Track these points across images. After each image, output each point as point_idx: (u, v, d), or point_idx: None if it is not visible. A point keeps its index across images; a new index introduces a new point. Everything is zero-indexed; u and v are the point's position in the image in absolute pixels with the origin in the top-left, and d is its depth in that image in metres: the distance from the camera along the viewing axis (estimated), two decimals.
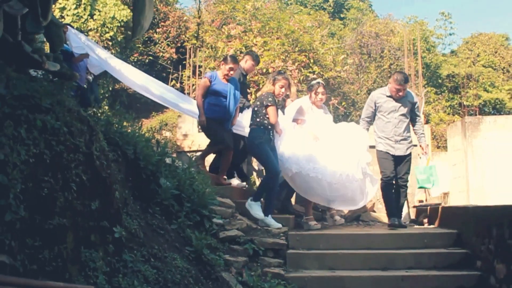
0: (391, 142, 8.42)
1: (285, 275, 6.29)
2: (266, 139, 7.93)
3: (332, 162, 8.04)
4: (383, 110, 8.50)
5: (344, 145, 8.30)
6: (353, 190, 8.18)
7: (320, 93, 8.84)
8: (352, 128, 8.72)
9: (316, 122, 8.70)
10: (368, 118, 8.70)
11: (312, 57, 14.72)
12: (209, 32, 15.79)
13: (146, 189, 5.91)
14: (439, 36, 23.92)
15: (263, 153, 7.94)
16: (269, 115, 7.98)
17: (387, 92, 8.51)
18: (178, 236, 5.77)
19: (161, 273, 4.73)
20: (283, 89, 8.21)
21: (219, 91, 8.77)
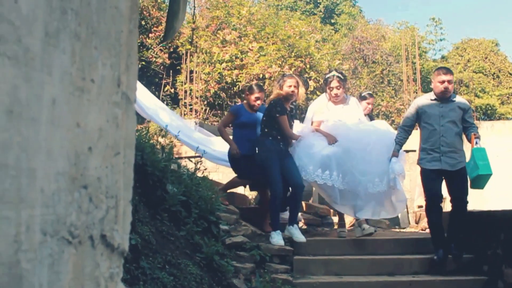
0: (437, 154, 6.96)
1: (293, 281, 6.26)
2: (277, 151, 7.29)
3: (351, 168, 7.26)
4: (427, 117, 7.06)
5: (370, 149, 7.43)
6: (376, 200, 7.34)
7: (335, 88, 7.79)
8: (385, 130, 7.90)
9: (334, 121, 7.79)
10: (407, 127, 7.27)
11: (308, 62, 14.76)
12: (204, 37, 15.75)
13: (153, 195, 5.90)
14: (430, 41, 24.07)
15: (268, 168, 7.25)
16: (281, 126, 7.33)
17: (432, 96, 7.14)
18: (187, 242, 5.76)
19: (178, 280, 4.76)
20: (292, 88, 7.43)
21: (247, 123, 8.00)
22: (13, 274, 0.73)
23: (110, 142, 1.03)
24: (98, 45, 0.98)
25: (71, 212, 0.89)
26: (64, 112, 0.86)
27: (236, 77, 14.72)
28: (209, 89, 15.18)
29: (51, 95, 0.82)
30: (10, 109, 0.72)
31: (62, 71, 0.86)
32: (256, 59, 14.54)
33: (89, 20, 0.95)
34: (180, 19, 3.16)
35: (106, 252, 1.03)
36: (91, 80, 0.96)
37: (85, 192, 0.93)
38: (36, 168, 0.78)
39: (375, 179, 7.16)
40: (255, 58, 14.56)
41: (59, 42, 0.85)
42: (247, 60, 14.78)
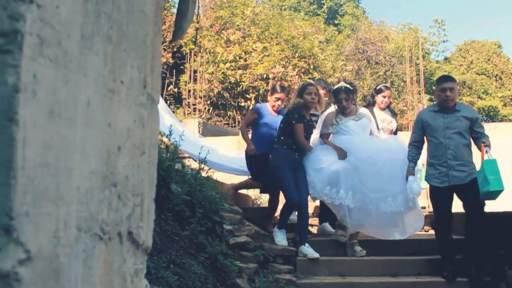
0: (444, 169, 6.54)
1: (297, 282, 6.23)
2: (291, 161, 7.05)
3: (360, 184, 6.89)
4: (432, 130, 6.69)
5: (381, 166, 7.02)
6: (389, 220, 6.94)
7: (343, 100, 7.36)
8: (398, 147, 7.31)
9: (344, 134, 7.39)
10: (416, 143, 6.83)
11: (312, 63, 14.80)
12: (208, 37, 15.79)
13: (157, 195, 5.85)
14: (433, 43, 24.12)
15: (281, 178, 7.02)
16: (295, 134, 7.05)
17: (435, 107, 6.77)
18: (191, 242, 5.77)
19: (183, 280, 4.75)
20: (312, 95, 7.14)
21: (268, 124, 7.80)
22: (53, 268, 0.76)
23: (136, 142, 1.06)
24: (127, 47, 1.01)
25: (102, 209, 0.92)
26: (97, 112, 0.89)
27: (239, 77, 14.75)
28: (213, 89, 15.21)
29: (86, 96, 0.86)
30: (51, 110, 0.75)
31: (96, 73, 0.89)
32: (260, 59, 14.58)
33: (119, 23, 0.98)
34: (188, 19, 3.19)
35: (132, 249, 1.06)
36: (121, 82, 0.99)
37: (115, 190, 0.97)
38: (72, 167, 0.81)
39: (387, 198, 6.77)
40: (259, 58, 14.60)
41: (94, 45, 0.88)
42: (250, 60, 14.83)
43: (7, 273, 0.67)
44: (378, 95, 8.10)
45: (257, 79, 14.26)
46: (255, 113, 7.97)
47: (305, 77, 14.49)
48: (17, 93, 0.69)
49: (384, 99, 8.10)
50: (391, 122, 8.01)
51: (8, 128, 0.68)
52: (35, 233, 0.71)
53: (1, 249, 0.66)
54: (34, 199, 0.71)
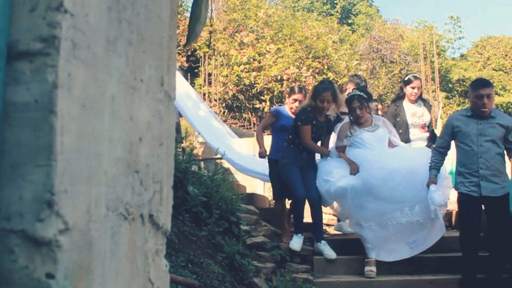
0: (475, 179, 6.05)
1: (314, 280, 6.28)
2: (297, 159, 6.93)
3: (373, 203, 6.50)
4: (463, 135, 6.20)
5: (401, 182, 6.52)
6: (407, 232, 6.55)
7: (357, 108, 6.97)
8: (421, 155, 6.80)
9: (358, 147, 7.04)
10: (442, 149, 6.38)
11: (326, 63, 14.90)
12: (222, 40, 15.94)
13: (175, 196, 5.96)
14: (449, 40, 24.06)
15: (287, 175, 6.96)
16: (301, 135, 6.91)
17: (468, 112, 6.26)
18: (209, 242, 5.86)
19: (201, 278, 4.84)
20: (325, 102, 6.87)
21: (286, 127, 7.42)
22: (86, 239, 0.89)
23: (155, 134, 1.19)
24: (145, 49, 1.15)
25: (127, 192, 1.05)
26: (121, 107, 1.03)
27: (254, 79, 14.87)
28: (227, 92, 15.34)
29: (111, 92, 0.99)
30: (83, 103, 0.89)
31: (119, 72, 1.02)
32: (273, 60, 14.71)
33: (139, 28, 1.11)
34: (201, 23, 3.29)
35: (153, 230, 1.20)
36: (141, 80, 1.13)
37: (137, 176, 1.10)
38: (101, 153, 0.94)
39: (404, 208, 6.37)
40: (273, 60, 14.72)
41: (117, 48, 1.02)
42: (264, 62, 14.94)
43: (49, 240, 0.80)
44: (407, 86, 7.71)
45: (272, 81, 14.38)
46: (272, 116, 7.82)
47: (319, 77, 14.58)
48: (55, 89, 0.82)
49: (413, 90, 7.66)
50: (422, 115, 7.63)
51: (48, 118, 0.81)
52: (71, 208, 0.84)
53: (44, 220, 0.79)
54: (71, 179, 0.85)
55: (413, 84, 7.62)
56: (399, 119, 7.62)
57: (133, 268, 1.08)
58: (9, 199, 0.80)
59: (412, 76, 7.81)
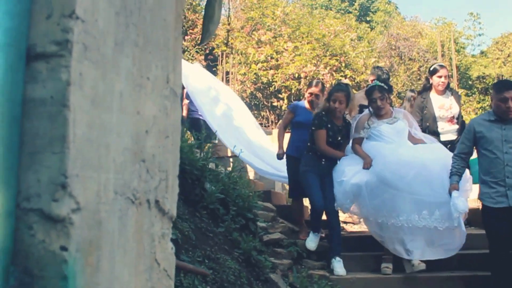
0: (502, 189, 5.60)
1: (330, 277, 6.32)
2: (316, 167, 6.82)
3: (387, 198, 6.27)
4: (487, 142, 5.79)
5: (415, 178, 6.28)
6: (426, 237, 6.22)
7: (378, 99, 6.74)
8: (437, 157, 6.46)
9: (376, 140, 6.83)
10: (463, 155, 5.95)
11: (344, 60, 14.94)
12: (239, 38, 16.05)
13: (192, 194, 6.11)
14: (468, 37, 23.92)
15: (305, 183, 6.89)
16: (315, 140, 6.80)
17: (491, 116, 5.85)
18: (226, 239, 5.94)
19: (217, 274, 4.93)
20: (336, 103, 6.75)
21: (302, 123, 7.37)
22: (96, 218, 1.01)
23: (161, 127, 1.32)
24: (151, 50, 1.27)
25: (134, 179, 1.17)
26: (128, 102, 1.15)
27: (271, 77, 14.94)
28: (245, 90, 15.42)
29: (119, 89, 1.11)
30: (93, 99, 1.01)
31: (126, 71, 1.14)
32: (291, 58, 14.76)
33: (145, 31, 1.23)
34: (215, 22, 3.40)
35: (159, 215, 1.32)
36: (147, 78, 1.25)
37: (144, 164, 1.22)
38: (110, 144, 1.07)
39: (422, 210, 6.06)
40: (290, 58, 14.78)
41: (124, 49, 1.14)
42: (282, 60, 15.00)
43: (63, 218, 0.92)
44: (433, 76, 7.40)
45: (289, 79, 14.45)
46: (290, 112, 7.74)
47: (337, 75, 14.65)
48: (68, 86, 0.94)
49: (440, 79, 7.34)
50: (450, 107, 7.33)
51: (62, 112, 0.93)
52: (83, 190, 0.96)
53: (59, 200, 0.92)
54: (82, 165, 0.97)
55: (440, 73, 7.34)
56: (426, 111, 7.37)
57: (140, 248, 1.20)
58: (28, 182, 0.92)
59: (438, 65, 7.54)
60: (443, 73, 7.32)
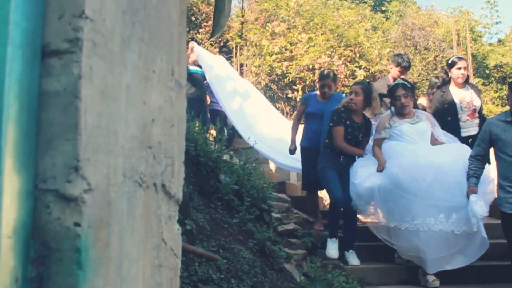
0: None
1: (344, 267, 6.43)
2: (335, 163, 6.73)
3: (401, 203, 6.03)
4: (503, 144, 5.46)
5: (433, 182, 5.99)
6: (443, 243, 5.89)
7: (402, 96, 6.56)
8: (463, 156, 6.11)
9: (397, 140, 6.61)
10: (480, 157, 5.67)
11: (358, 51, 14.98)
12: (253, 30, 16.13)
13: (207, 185, 6.22)
14: (485, 25, 23.77)
15: (324, 179, 6.87)
16: (333, 137, 6.72)
17: (508, 116, 5.52)
18: (240, 229, 6.04)
19: (231, 263, 5.03)
20: (352, 94, 6.78)
21: (314, 114, 7.46)
22: (106, 199, 1.13)
23: (167, 117, 1.43)
24: (157, 45, 1.39)
25: (141, 164, 1.29)
26: (135, 93, 1.26)
27: (286, 68, 15.01)
28: (260, 82, 15.50)
29: (126, 82, 1.23)
30: (102, 91, 1.12)
31: (133, 65, 1.26)
32: (305, 50, 14.82)
33: (150, 28, 1.35)
34: (225, 16, 3.50)
35: (166, 198, 1.44)
36: (153, 71, 1.36)
37: (150, 151, 1.34)
38: (118, 131, 1.18)
39: (439, 213, 5.79)
40: (305, 49, 14.84)
41: (130, 45, 1.25)
42: (296, 51, 15.07)
43: (76, 197, 1.04)
44: (452, 69, 7.21)
45: (304, 70, 14.52)
46: (302, 103, 7.79)
47: (351, 66, 14.70)
48: (79, 79, 1.06)
49: (459, 71, 7.15)
50: (471, 100, 7.12)
51: (74, 102, 1.05)
52: (93, 173, 1.08)
53: (72, 181, 1.03)
54: (93, 150, 1.08)
55: (459, 64, 7.16)
56: (447, 105, 7.13)
57: (148, 228, 1.32)
58: (45, 166, 1.04)
59: (456, 58, 7.41)
60: (462, 65, 7.15)
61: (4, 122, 0.96)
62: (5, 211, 0.95)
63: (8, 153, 0.96)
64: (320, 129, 7.18)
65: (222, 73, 9.76)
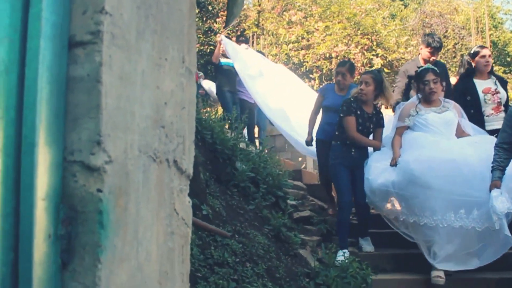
0: None
1: (358, 253, 6.54)
2: (346, 158, 6.58)
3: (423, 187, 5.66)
4: None
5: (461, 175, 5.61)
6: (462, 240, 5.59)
7: (431, 81, 6.23)
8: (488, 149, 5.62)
9: (421, 129, 6.32)
10: (506, 145, 5.26)
11: (375, 39, 15.09)
12: (270, 19, 16.27)
13: (223, 172, 6.38)
14: (507, 11, 23.62)
15: (335, 178, 6.78)
16: (345, 128, 6.56)
17: None
18: (256, 215, 6.20)
19: (247, 248, 5.20)
20: (362, 84, 6.59)
21: (329, 106, 7.32)
22: (124, 170, 1.31)
23: (178, 100, 1.62)
24: (168, 36, 1.57)
25: (155, 141, 1.47)
26: (149, 79, 1.45)
27: (303, 57, 15.17)
28: None
29: (141, 68, 1.41)
30: (120, 76, 1.30)
31: (147, 54, 1.44)
32: (322, 38, 14.98)
33: (162, 20, 1.53)
34: (239, 5, 3.65)
35: (177, 173, 1.62)
36: (165, 59, 1.55)
37: (163, 130, 1.52)
38: (135, 112, 1.37)
39: (460, 209, 5.46)
40: (321, 38, 15.01)
41: (144, 36, 1.43)
42: (313, 40, 15.23)
43: (98, 167, 1.22)
44: (475, 59, 6.94)
45: (320, 59, 14.67)
46: (320, 95, 7.65)
47: (368, 54, 14.80)
48: (101, 66, 1.24)
49: (484, 59, 6.89)
50: (496, 91, 6.82)
51: (96, 86, 1.23)
52: (113, 147, 1.27)
53: (95, 154, 1.22)
54: (112, 127, 1.27)
55: (483, 52, 6.91)
56: (470, 97, 6.86)
57: (161, 198, 1.51)
58: (72, 141, 1.22)
59: (478, 47, 7.17)
60: (486, 53, 6.91)
61: (38, 103, 1.14)
62: (39, 178, 1.14)
63: (41, 129, 1.14)
64: (335, 122, 6.95)
65: (251, 64, 9.87)
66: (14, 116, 1.12)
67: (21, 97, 1.13)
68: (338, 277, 5.52)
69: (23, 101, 1.12)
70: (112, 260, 1.22)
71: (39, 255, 1.12)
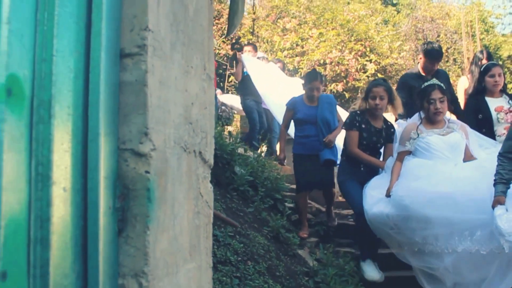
0: None
1: (356, 253, 6.71)
2: (354, 174, 6.26)
3: (420, 221, 5.18)
4: None
5: (458, 206, 5.04)
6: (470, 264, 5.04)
7: (437, 101, 5.67)
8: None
9: (423, 154, 5.71)
10: (510, 154, 4.78)
11: (368, 45, 15.37)
12: (265, 27, 16.55)
13: (223, 176, 6.63)
14: (498, 16, 23.95)
15: (344, 192, 6.51)
16: (346, 142, 6.33)
17: None
18: (255, 218, 6.41)
19: (248, 247, 5.42)
20: (377, 99, 6.14)
21: (303, 119, 7.10)
22: (164, 157, 1.64)
23: (201, 101, 1.94)
24: (193, 47, 1.90)
25: (185, 135, 1.80)
26: (180, 83, 1.77)
27: (297, 64, 15.41)
28: None
29: (175, 75, 1.73)
30: (160, 81, 1.63)
31: (178, 63, 1.77)
32: (316, 45, 15.24)
33: (188, 34, 1.86)
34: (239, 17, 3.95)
35: (202, 162, 1.94)
36: (191, 67, 1.88)
37: (190, 126, 1.85)
38: (170, 110, 1.69)
39: (464, 231, 4.92)
40: (316, 44, 15.26)
41: (176, 47, 1.76)
42: (307, 46, 15.48)
43: (146, 154, 1.54)
44: (485, 77, 6.60)
45: (315, 65, 14.93)
46: (289, 110, 7.35)
47: (362, 60, 15.09)
48: (146, 73, 1.56)
49: (493, 79, 6.53)
50: (510, 111, 6.43)
51: (143, 89, 1.55)
52: (156, 137, 1.58)
53: (143, 143, 1.53)
54: (155, 122, 1.59)
55: (492, 71, 6.57)
56: (482, 115, 6.56)
57: (190, 182, 1.83)
58: (124, 132, 1.54)
59: (490, 64, 6.76)
60: (496, 71, 6.56)
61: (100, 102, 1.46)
62: (102, 161, 1.45)
63: (102, 123, 1.46)
64: (315, 135, 6.92)
65: (269, 78, 10.08)
66: (81, 112, 1.43)
67: (87, 98, 1.43)
68: (336, 275, 5.74)
69: (88, 101, 1.43)
70: (157, 229, 1.53)
71: (103, 222, 1.43)
